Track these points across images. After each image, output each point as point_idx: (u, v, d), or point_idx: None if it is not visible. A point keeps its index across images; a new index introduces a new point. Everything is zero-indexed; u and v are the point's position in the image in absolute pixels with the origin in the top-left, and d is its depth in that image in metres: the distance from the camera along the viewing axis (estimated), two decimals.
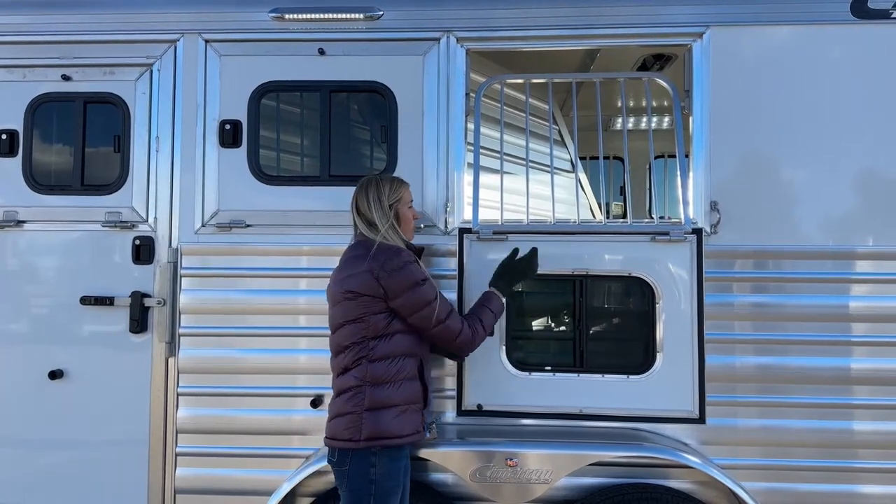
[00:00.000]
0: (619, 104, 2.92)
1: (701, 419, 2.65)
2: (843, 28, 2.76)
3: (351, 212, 2.45)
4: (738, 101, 2.77)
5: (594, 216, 4.21)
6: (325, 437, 2.34)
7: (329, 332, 2.39)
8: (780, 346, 2.72)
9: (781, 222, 2.74)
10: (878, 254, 2.71)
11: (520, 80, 3.01)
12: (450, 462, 2.56)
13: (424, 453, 2.56)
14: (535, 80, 2.97)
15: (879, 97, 2.73)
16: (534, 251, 2.59)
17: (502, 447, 2.55)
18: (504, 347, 2.72)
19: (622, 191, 5.35)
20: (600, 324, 2.78)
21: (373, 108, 2.93)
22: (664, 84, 2.87)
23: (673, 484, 2.68)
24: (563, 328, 2.83)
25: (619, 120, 4.75)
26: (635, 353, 2.73)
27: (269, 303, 2.86)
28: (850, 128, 2.74)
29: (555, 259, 2.72)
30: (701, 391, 2.64)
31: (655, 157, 5.07)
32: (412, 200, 2.53)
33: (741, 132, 2.76)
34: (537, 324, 2.87)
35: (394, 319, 2.30)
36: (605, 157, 4.92)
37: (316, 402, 2.80)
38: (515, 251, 2.59)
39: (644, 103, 4.46)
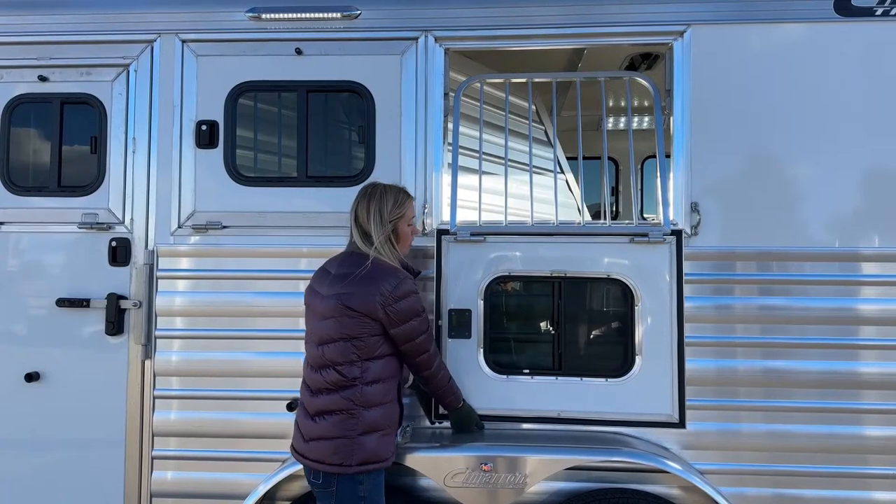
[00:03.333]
0: (605, 105, 2.88)
1: (681, 423, 2.61)
2: (826, 26, 2.72)
3: (349, 217, 2.39)
4: (720, 100, 2.72)
5: (581, 217, 4.16)
6: (307, 458, 2.23)
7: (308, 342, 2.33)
8: (762, 350, 2.67)
9: (763, 224, 2.69)
10: (864, 255, 2.67)
11: (500, 80, 2.98)
12: (425, 467, 2.52)
13: (398, 458, 2.52)
14: (515, 80, 2.94)
15: (863, 95, 2.68)
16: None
17: (477, 451, 2.52)
18: (481, 350, 2.69)
19: (614, 191, 5.33)
20: (579, 326, 2.74)
21: (351, 108, 2.90)
22: (645, 83, 2.83)
23: (653, 489, 2.64)
24: (541, 331, 2.79)
25: (609, 120, 4.71)
26: (614, 356, 2.70)
27: (246, 305, 2.83)
28: (833, 127, 2.69)
29: (533, 261, 2.70)
30: (681, 395, 2.61)
31: (647, 158, 5.04)
32: (415, 217, 2.50)
33: (722, 132, 2.72)
34: (515, 326, 2.83)
35: (386, 342, 2.27)
36: (596, 158, 4.94)
37: (292, 406, 2.77)
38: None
39: (634, 103, 4.44)
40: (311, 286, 2.38)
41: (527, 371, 2.71)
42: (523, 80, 2.93)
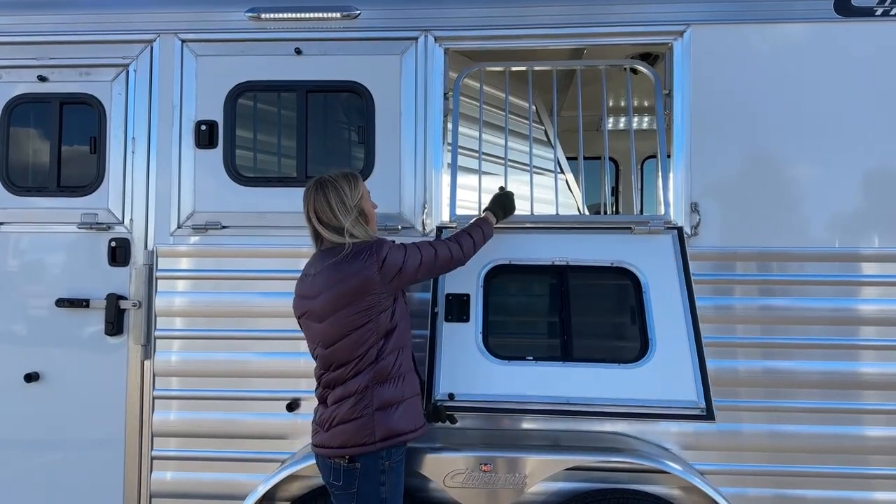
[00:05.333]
0: (605, 99, 2.87)
1: (709, 414, 2.42)
2: (826, 26, 2.72)
3: (308, 222, 2.27)
4: (720, 100, 2.72)
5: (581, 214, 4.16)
6: (329, 447, 2.17)
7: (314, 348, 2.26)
8: (762, 350, 2.66)
9: (763, 224, 2.68)
10: (864, 256, 2.67)
11: (499, 69, 2.98)
12: (424, 467, 2.52)
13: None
14: (514, 69, 2.95)
15: (863, 96, 2.68)
16: (507, 191, 2.70)
17: (477, 452, 2.51)
18: (480, 335, 2.60)
19: (614, 191, 5.33)
20: (585, 315, 2.64)
21: (350, 108, 2.89)
22: (645, 71, 2.83)
23: (654, 489, 2.64)
24: (544, 319, 2.74)
25: (609, 120, 4.71)
26: (625, 344, 2.59)
27: (246, 305, 2.83)
28: (833, 127, 2.69)
29: (535, 249, 2.67)
30: (704, 382, 2.46)
31: (646, 158, 5.04)
32: (369, 192, 2.40)
33: (722, 132, 2.71)
34: (517, 313, 2.77)
35: (395, 312, 2.22)
36: (597, 158, 4.95)
37: (292, 406, 2.77)
38: (501, 189, 2.71)
39: (635, 103, 4.44)
40: (297, 296, 2.30)
41: (530, 357, 2.58)
42: (523, 68, 2.94)
